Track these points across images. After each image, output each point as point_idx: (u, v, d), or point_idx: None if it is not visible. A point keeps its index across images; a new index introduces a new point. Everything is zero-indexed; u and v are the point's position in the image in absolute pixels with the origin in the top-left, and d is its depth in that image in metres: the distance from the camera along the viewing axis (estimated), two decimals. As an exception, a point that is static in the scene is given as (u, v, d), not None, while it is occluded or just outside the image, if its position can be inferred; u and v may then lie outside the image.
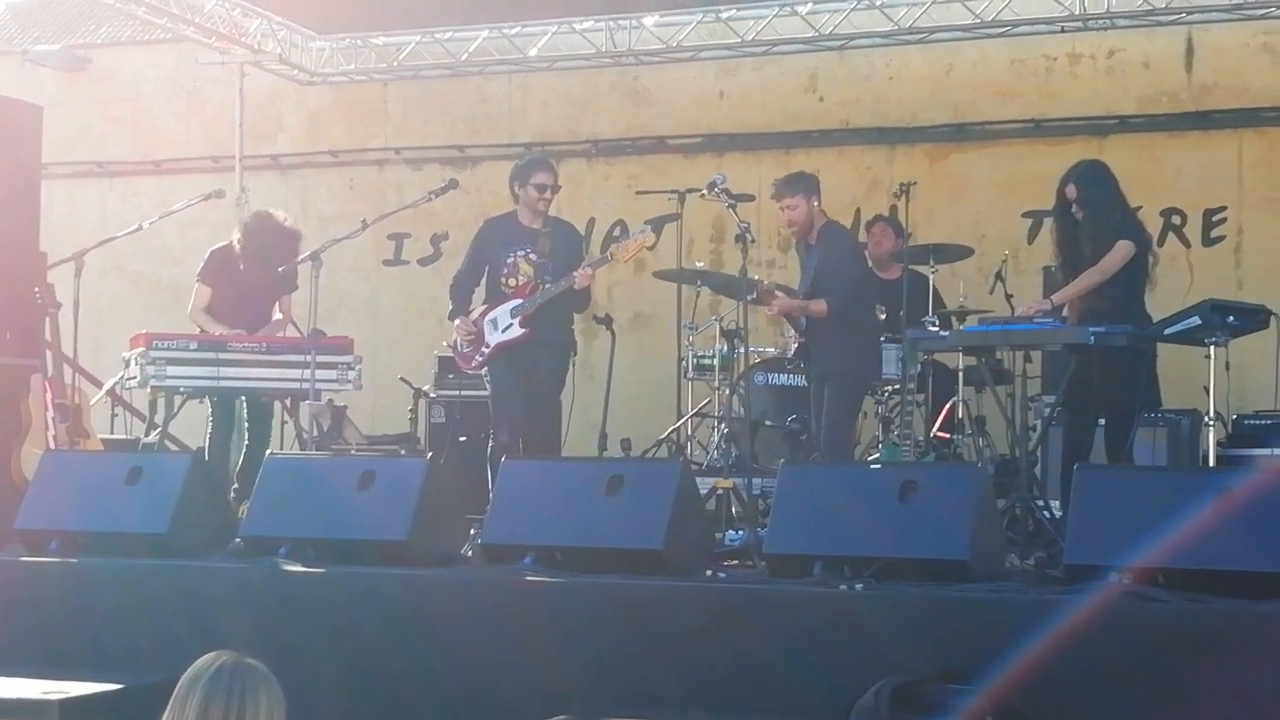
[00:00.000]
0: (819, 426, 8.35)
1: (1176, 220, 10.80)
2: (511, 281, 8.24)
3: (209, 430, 8.46)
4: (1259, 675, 5.10)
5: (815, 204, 8.44)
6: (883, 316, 8.89)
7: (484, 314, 8.29)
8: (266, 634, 6.15)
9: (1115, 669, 5.27)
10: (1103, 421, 7.57)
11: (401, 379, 10.28)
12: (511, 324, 8.18)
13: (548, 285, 8.14)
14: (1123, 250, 7.42)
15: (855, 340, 8.35)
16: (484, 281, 8.42)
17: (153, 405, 8.52)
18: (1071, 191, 7.60)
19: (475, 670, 6.04)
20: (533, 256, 8.23)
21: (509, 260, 8.26)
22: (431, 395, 10.05)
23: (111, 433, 9.85)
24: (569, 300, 8.23)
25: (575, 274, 8.08)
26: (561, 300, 8.18)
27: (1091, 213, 7.54)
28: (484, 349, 8.25)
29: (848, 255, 8.52)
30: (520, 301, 8.18)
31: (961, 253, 9.79)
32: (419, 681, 6.11)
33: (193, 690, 3.56)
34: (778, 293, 8.56)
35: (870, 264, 9.50)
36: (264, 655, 3.83)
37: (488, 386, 8.47)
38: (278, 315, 8.71)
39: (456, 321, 8.36)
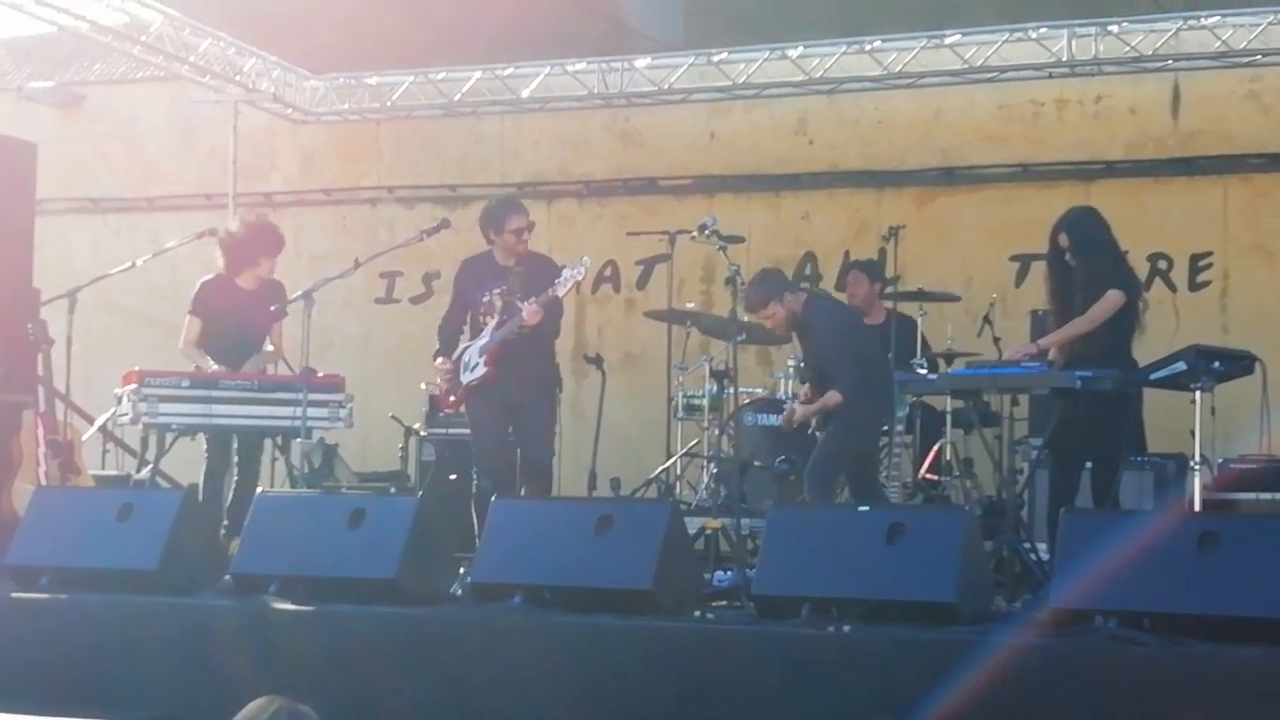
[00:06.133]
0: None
1: (1163, 265, 10.86)
2: (487, 319, 8.20)
3: (204, 468, 8.47)
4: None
5: (787, 296, 8.23)
6: None
7: (460, 353, 8.28)
8: (255, 671, 6.17)
9: (1098, 711, 5.31)
10: (1089, 465, 7.61)
11: (392, 417, 10.31)
12: (478, 363, 8.14)
13: (504, 322, 8.08)
14: (1112, 300, 7.45)
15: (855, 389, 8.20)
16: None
17: (144, 442, 8.54)
18: (1064, 239, 7.63)
19: (464, 709, 6.06)
20: (505, 293, 8.17)
21: (485, 299, 8.22)
22: (422, 433, 10.08)
23: (103, 469, 9.86)
24: (539, 333, 8.11)
25: (523, 311, 7.99)
26: (532, 335, 8.07)
27: (1084, 260, 7.58)
28: (458, 390, 8.22)
29: (839, 333, 8.27)
30: (485, 340, 8.15)
31: (946, 299, 9.86)
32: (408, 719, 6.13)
33: None
34: (794, 406, 8.41)
35: None
36: (252, 693, 3.85)
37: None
38: (269, 346, 8.73)
39: (437, 361, 8.37)
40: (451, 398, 8.30)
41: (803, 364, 8.77)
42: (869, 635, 5.72)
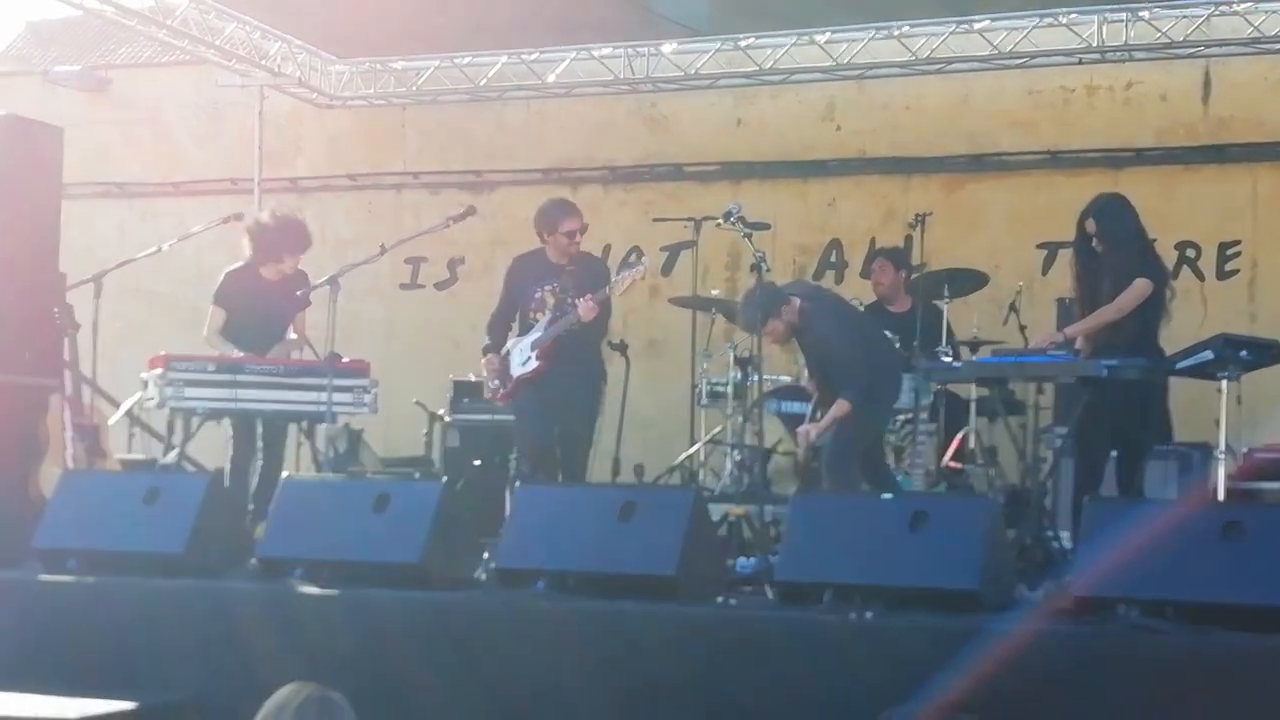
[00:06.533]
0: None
1: (1191, 253, 10.80)
2: (538, 316, 8.32)
3: (230, 453, 8.50)
4: (1265, 711, 5.12)
5: (782, 309, 8.08)
6: None
7: (507, 349, 8.38)
8: (280, 655, 6.19)
9: (1120, 700, 5.30)
10: (1115, 454, 7.58)
11: (417, 403, 10.32)
12: (530, 357, 8.25)
13: (558, 318, 8.19)
14: (1140, 288, 7.41)
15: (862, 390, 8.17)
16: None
17: (170, 426, 8.57)
18: (1091, 226, 7.60)
19: (488, 693, 6.07)
20: (557, 290, 8.27)
21: (536, 295, 8.34)
22: (447, 419, 10.09)
23: (129, 453, 9.90)
24: (589, 330, 8.25)
25: (579, 308, 8.09)
26: (583, 331, 8.21)
27: (1111, 248, 7.54)
28: (509, 383, 8.33)
29: (838, 335, 8.15)
30: (538, 335, 8.24)
31: (975, 280, 9.81)
32: (431, 704, 6.14)
33: (280, 718, 3.59)
34: (808, 428, 8.25)
35: (876, 299, 9.70)
36: (278, 677, 3.87)
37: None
38: (292, 335, 8.76)
39: (485, 359, 8.45)
40: (501, 392, 8.40)
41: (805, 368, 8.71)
42: (891, 622, 5.71)
